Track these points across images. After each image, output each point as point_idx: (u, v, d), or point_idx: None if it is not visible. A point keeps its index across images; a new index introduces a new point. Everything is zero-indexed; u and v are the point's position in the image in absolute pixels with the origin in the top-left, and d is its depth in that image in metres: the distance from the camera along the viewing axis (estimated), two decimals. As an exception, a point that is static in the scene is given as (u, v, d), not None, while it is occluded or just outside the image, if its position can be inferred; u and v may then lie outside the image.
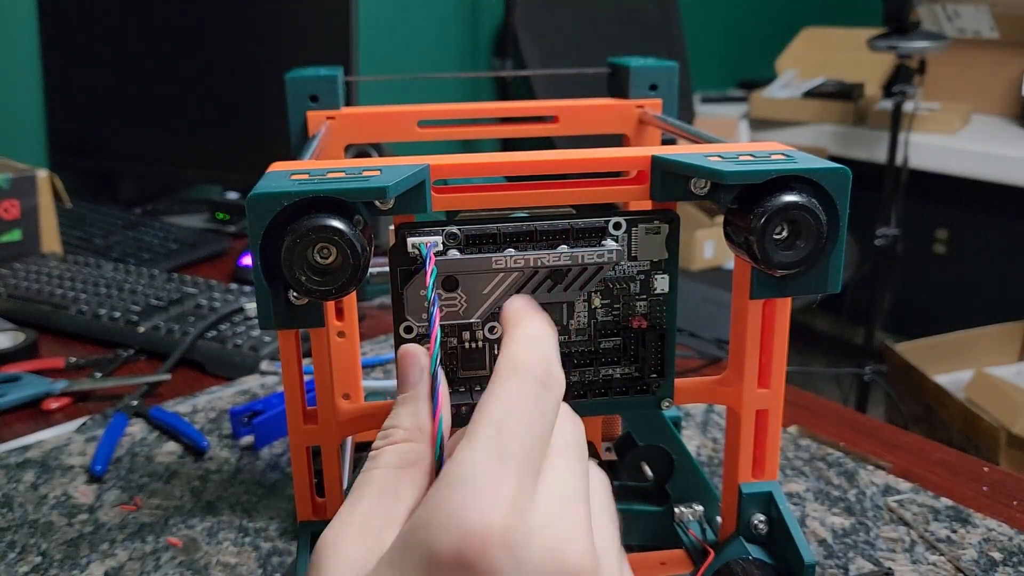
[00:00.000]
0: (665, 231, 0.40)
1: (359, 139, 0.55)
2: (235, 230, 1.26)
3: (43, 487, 0.62)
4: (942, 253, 2.38)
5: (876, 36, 1.78)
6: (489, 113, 0.58)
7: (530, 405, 0.29)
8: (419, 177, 0.36)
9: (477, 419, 0.29)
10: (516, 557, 0.26)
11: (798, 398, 0.75)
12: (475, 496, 0.26)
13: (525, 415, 0.29)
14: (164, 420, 0.69)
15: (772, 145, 0.39)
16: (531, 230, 0.39)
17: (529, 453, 0.28)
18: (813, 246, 0.36)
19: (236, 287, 0.94)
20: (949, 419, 1.60)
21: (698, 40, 2.51)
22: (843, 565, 0.53)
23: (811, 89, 2.30)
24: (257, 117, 1.24)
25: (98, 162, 1.36)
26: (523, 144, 0.54)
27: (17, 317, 0.89)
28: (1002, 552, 0.54)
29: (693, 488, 0.49)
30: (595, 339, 0.42)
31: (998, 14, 2.14)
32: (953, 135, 2.09)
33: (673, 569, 0.49)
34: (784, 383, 0.43)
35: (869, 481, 0.62)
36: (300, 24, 1.21)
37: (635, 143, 0.58)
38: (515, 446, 0.28)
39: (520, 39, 1.98)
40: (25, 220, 1.03)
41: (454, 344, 0.40)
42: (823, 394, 0.85)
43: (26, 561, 0.54)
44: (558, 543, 0.27)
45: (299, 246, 0.33)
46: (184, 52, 1.27)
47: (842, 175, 0.36)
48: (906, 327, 2.25)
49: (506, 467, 0.27)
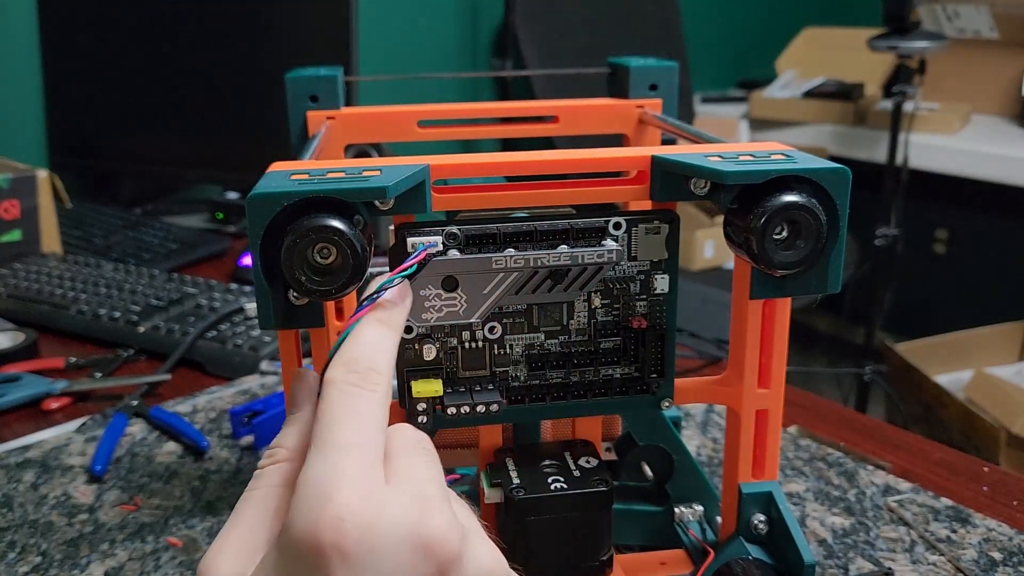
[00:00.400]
0: (665, 231, 0.40)
1: (359, 139, 0.55)
2: (235, 230, 1.26)
3: (43, 487, 0.62)
4: (942, 253, 2.38)
5: (876, 36, 1.78)
6: (489, 113, 0.58)
7: (348, 401, 0.30)
8: (419, 177, 0.36)
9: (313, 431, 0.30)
10: (370, 534, 0.27)
11: (798, 398, 0.75)
12: (321, 488, 0.28)
13: (348, 413, 0.30)
14: (164, 420, 0.69)
15: (772, 145, 0.39)
16: (531, 230, 0.39)
17: (363, 444, 0.29)
18: (813, 246, 0.36)
19: (236, 287, 0.94)
20: (949, 419, 1.60)
21: (698, 40, 2.51)
22: (843, 565, 0.53)
23: (811, 89, 2.30)
24: (257, 117, 1.24)
25: (98, 162, 1.36)
26: (523, 144, 0.54)
27: (17, 317, 0.89)
28: (1002, 552, 0.54)
29: (693, 488, 0.49)
30: (595, 339, 0.42)
31: (998, 14, 2.14)
32: (953, 135, 2.09)
33: (673, 569, 0.49)
34: (784, 383, 0.43)
35: (869, 481, 0.62)
36: (300, 24, 1.21)
37: (635, 143, 0.58)
38: (344, 438, 0.29)
39: (520, 39, 1.98)
40: (25, 220, 1.03)
41: (454, 344, 0.40)
42: (823, 394, 0.85)
43: (26, 561, 0.54)
44: (416, 515, 0.28)
45: (299, 246, 0.33)
46: (184, 52, 1.27)
47: (842, 175, 0.36)
48: (906, 327, 2.25)
49: (341, 456, 0.29)
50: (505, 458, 0.44)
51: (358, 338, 0.32)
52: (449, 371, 0.41)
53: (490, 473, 0.43)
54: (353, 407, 0.30)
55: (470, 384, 0.41)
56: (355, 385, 0.31)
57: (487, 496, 0.42)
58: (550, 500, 0.41)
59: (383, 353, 0.32)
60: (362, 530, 0.27)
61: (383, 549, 0.27)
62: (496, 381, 0.41)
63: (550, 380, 0.42)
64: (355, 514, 0.27)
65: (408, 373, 0.40)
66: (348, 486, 0.28)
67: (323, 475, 0.28)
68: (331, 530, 0.27)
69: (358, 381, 0.31)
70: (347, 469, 0.28)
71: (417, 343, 0.40)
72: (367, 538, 0.27)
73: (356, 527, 0.27)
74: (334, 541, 0.27)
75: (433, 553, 0.28)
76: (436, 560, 0.28)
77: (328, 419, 0.30)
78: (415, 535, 0.28)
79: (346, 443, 0.29)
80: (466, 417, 0.40)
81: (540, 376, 0.41)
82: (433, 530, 0.28)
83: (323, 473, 0.28)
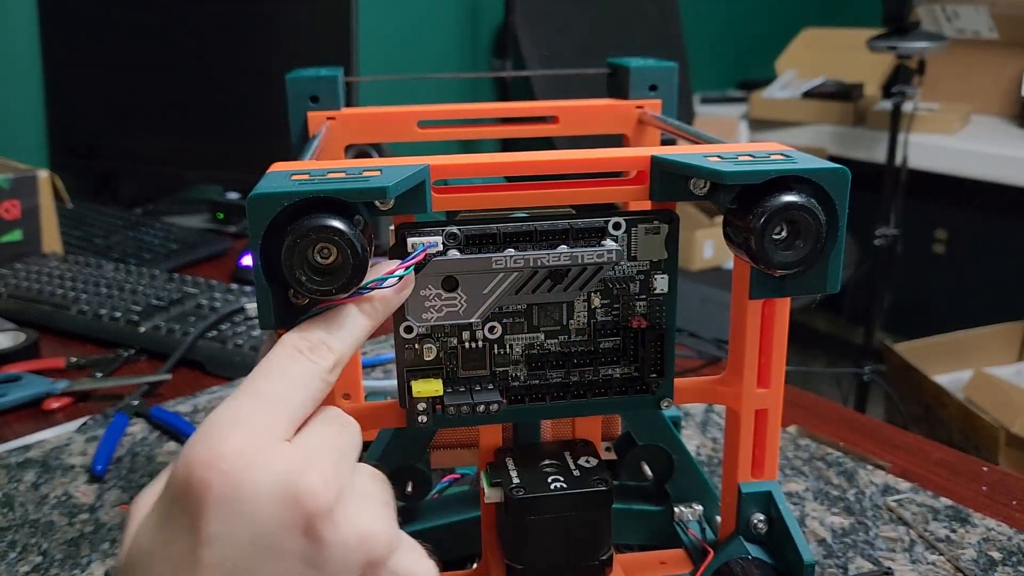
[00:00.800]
0: (665, 231, 0.40)
1: (359, 139, 0.55)
2: (236, 230, 1.26)
3: (44, 487, 0.62)
4: (941, 253, 2.38)
5: (876, 36, 1.78)
6: (489, 113, 0.59)
7: (285, 362, 0.32)
8: (419, 177, 0.36)
9: None
10: (239, 480, 0.28)
11: (797, 398, 0.75)
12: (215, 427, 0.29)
13: (279, 371, 0.31)
14: (165, 420, 0.69)
15: (771, 145, 0.39)
16: (531, 230, 0.39)
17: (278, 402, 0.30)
18: (812, 246, 0.36)
19: (236, 287, 0.94)
20: (948, 419, 1.60)
21: (698, 40, 2.51)
22: (842, 565, 0.53)
23: (811, 89, 2.30)
24: (257, 117, 1.24)
25: (99, 162, 1.36)
26: (523, 144, 0.54)
27: (18, 317, 0.89)
28: (1001, 552, 0.54)
29: (693, 488, 0.49)
30: (595, 339, 0.42)
31: (997, 15, 2.14)
32: (952, 135, 2.09)
33: (673, 568, 0.49)
34: (783, 383, 0.43)
35: (868, 481, 0.62)
36: (300, 24, 1.21)
37: (635, 143, 0.58)
38: (264, 391, 0.30)
39: (520, 39, 1.98)
40: (26, 220, 1.03)
41: (454, 344, 0.40)
42: (822, 394, 0.85)
43: (27, 561, 0.54)
44: (294, 470, 0.29)
45: (299, 246, 0.33)
46: (185, 52, 1.27)
47: (841, 175, 0.36)
48: (905, 327, 2.25)
49: (252, 404, 0.30)
50: (505, 458, 0.44)
51: (329, 313, 0.34)
52: (449, 371, 0.41)
53: (490, 473, 0.43)
54: (287, 367, 0.31)
55: (470, 384, 0.41)
56: (301, 352, 0.32)
57: (487, 496, 0.43)
58: (550, 500, 0.41)
59: (346, 335, 0.34)
60: (236, 475, 0.28)
61: (252, 494, 0.28)
62: (496, 381, 0.41)
63: (550, 380, 0.42)
64: (236, 458, 0.28)
65: (408, 373, 0.40)
66: (243, 432, 0.29)
67: (226, 416, 0.29)
68: (206, 467, 0.27)
69: (306, 349, 0.32)
70: (251, 417, 0.29)
71: (417, 343, 0.40)
72: (238, 482, 0.28)
73: (232, 471, 0.28)
74: (205, 478, 0.27)
75: (301, 504, 0.28)
76: (304, 511, 0.28)
77: (260, 370, 0.31)
78: (286, 485, 0.28)
79: (263, 394, 0.30)
80: (466, 417, 0.40)
81: (540, 376, 0.41)
82: (305, 484, 0.29)
83: (227, 414, 0.29)
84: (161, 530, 0.28)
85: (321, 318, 0.34)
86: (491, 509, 0.46)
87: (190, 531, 0.28)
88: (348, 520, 0.29)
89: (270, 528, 0.28)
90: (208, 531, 0.27)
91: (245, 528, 0.28)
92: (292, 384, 0.31)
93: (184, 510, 0.28)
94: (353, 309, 0.34)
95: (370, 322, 0.35)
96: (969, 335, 1.92)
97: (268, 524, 0.28)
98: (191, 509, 0.28)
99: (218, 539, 0.27)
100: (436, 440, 0.51)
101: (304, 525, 0.28)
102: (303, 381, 0.32)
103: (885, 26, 1.77)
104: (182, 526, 0.28)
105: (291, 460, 0.29)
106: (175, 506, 0.28)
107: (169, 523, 0.28)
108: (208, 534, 0.27)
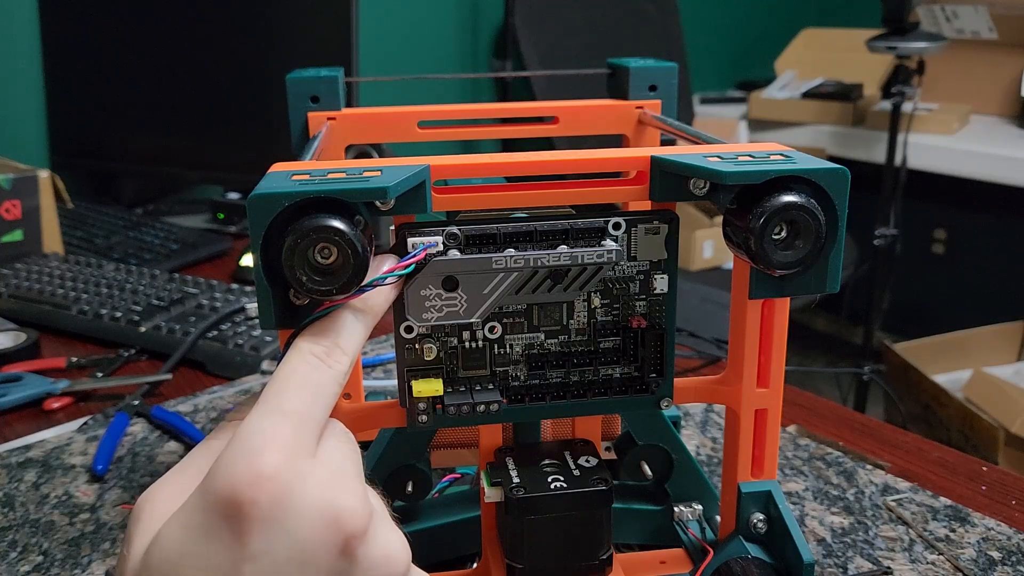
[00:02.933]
0: (664, 231, 0.40)
1: (360, 140, 0.56)
2: (236, 230, 1.26)
3: (44, 486, 0.62)
4: (941, 253, 2.38)
5: (875, 37, 1.78)
6: (489, 114, 0.59)
7: (305, 373, 0.32)
8: (419, 178, 0.36)
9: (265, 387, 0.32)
10: (284, 500, 0.28)
11: (797, 397, 0.75)
12: (250, 446, 0.29)
13: (302, 382, 0.32)
14: (165, 420, 0.70)
15: (771, 146, 0.39)
16: (531, 230, 0.39)
17: (305, 415, 0.31)
18: (812, 246, 0.36)
19: (237, 287, 0.94)
20: (948, 418, 1.60)
21: (698, 41, 2.51)
22: (842, 564, 0.53)
23: (810, 90, 2.31)
24: (258, 118, 1.24)
25: (99, 162, 1.36)
26: (523, 145, 0.54)
27: (19, 317, 0.89)
28: (1001, 551, 0.54)
29: (692, 487, 0.49)
30: (595, 339, 0.42)
31: (997, 15, 2.14)
32: (952, 135, 2.09)
33: (672, 568, 0.49)
34: (783, 383, 0.43)
35: (868, 480, 0.62)
36: (300, 25, 1.21)
37: (634, 144, 0.58)
38: (290, 405, 0.31)
39: (520, 39, 1.98)
40: (27, 220, 1.03)
41: (454, 344, 0.41)
42: (822, 394, 0.85)
43: (28, 560, 0.54)
44: (331, 491, 0.29)
45: (300, 246, 0.33)
46: (185, 53, 1.27)
47: (841, 175, 0.36)
48: (905, 327, 2.25)
49: (281, 422, 0.30)
50: (505, 457, 0.44)
51: (334, 315, 0.34)
52: (449, 371, 0.41)
53: (490, 472, 0.43)
54: (308, 377, 0.32)
55: (470, 384, 0.41)
56: (318, 357, 0.32)
57: (487, 495, 0.43)
58: (550, 499, 0.41)
59: (353, 335, 0.34)
60: (280, 493, 0.28)
61: (296, 514, 0.29)
62: (496, 381, 0.41)
63: (550, 380, 0.42)
64: (277, 476, 0.28)
65: (408, 373, 0.40)
66: (278, 449, 0.29)
67: (258, 433, 0.29)
68: (251, 486, 0.28)
69: (322, 354, 0.33)
70: (282, 433, 0.30)
71: (417, 343, 0.40)
72: (283, 501, 0.28)
73: (276, 489, 0.28)
74: (252, 498, 0.28)
75: (341, 525, 0.29)
76: (343, 532, 0.29)
77: (282, 382, 0.32)
78: (328, 506, 0.29)
79: (290, 410, 0.31)
80: (466, 416, 0.40)
81: (540, 376, 0.42)
82: (345, 504, 0.30)
83: (259, 431, 0.30)
84: (196, 543, 0.29)
85: (328, 320, 0.34)
86: (491, 509, 0.46)
87: (232, 547, 0.28)
88: (376, 541, 0.31)
89: (311, 547, 0.29)
90: (252, 548, 0.28)
91: (287, 546, 0.29)
92: (314, 395, 0.32)
93: (227, 526, 0.28)
94: (356, 308, 0.35)
95: (368, 315, 0.35)
96: (968, 335, 1.92)
97: (309, 543, 0.29)
98: (235, 526, 0.28)
99: (262, 556, 0.28)
100: (436, 440, 0.51)
101: (342, 545, 0.29)
102: (323, 390, 0.32)
103: (884, 26, 1.77)
104: (223, 541, 0.28)
105: (325, 480, 0.30)
106: (215, 521, 0.28)
107: (207, 537, 0.29)
108: (252, 551, 0.28)
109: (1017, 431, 1.49)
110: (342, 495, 0.30)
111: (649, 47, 2.18)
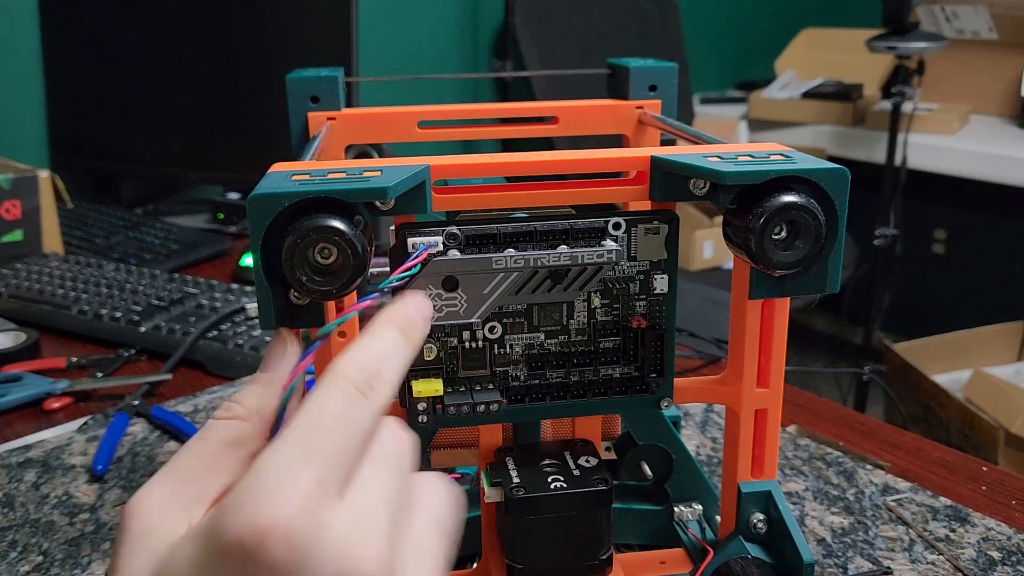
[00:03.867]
0: (664, 231, 0.40)
1: (360, 140, 0.56)
2: (236, 230, 1.26)
3: (44, 487, 0.62)
4: (940, 253, 2.38)
5: (875, 37, 1.78)
6: (489, 114, 0.59)
7: (342, 409, 0.29)
8: (419, 178, 0.36)
9: (294, 417, 0.29)
10: (300, 555, 0.26)
11: (797, 398, 0.75)
12: (269, 489, 0.26)
13: (336, 418, 0.28)
14: (165, 420, 0.70)
15: (771, 146, 0.39)
16: (531, 230, 0.39)
17: (336, 456, 0.28)
18: (812, 246, 0.36)
19: (237, 287, 0.94)
20: (948, 419, 1.60)
21: (698, 41, 2.51)
22: (842, 564, 0.53)
23: (810, 90, 2.31)
24: (258, 118, 1.24)
25: (99, 163, 1.36)
26: (523, 145, 0.54)
27: (19, 317, 0.89)
28: (1001, 551, 0.54)
29: (692, 487, 0.49)
30: (595, 339, 0.42)
31: (997, 15, 2.14)
32: (952, 135, 2.09)
33: (672, 568, 0.49)
34: (783, 383, 0.43)
35: (868, 480, 0.62)
36: (301, 25, 1.21)
37: (634, 144, 0.58)
38: (321, 446, 0.28)
39: (520, 39, 1.98)
40: (27, 220, 1.03)
41: (454, 344, 0.41)
42: (822, 394, 0.85)
43: (28, 560, 0.54)
44: (349, 547, 0.27)
45: (300, 246, 0.33)
46: (185, 53, 1.27)
47: (841, 175, 0.36)
48: (905, 327, 2.25)
49: (308, 465, 0.27)
50: (505, 457, 0.44)
51: (379, 340, 0.31)
52: (449, 371, 0.41)
53: (490, 472, 0.43)
54: (345, 414, 0.29)
55: (470, 384, 0.41)
56: (358, 388, 0.29)
57: (487, 495, 0.43)
58: (550, 499, 0.41)
59: (399, 364, 0.31)
60: (297, 549, 0.26)
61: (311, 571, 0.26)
62: (496, 381, 0.41)
63: (550, 380, 0.42)
64: (294, 526, 0.26)
65: (408, 373, 0.40)
66: (301, 495, 0.27)
67: (279, 476, 0.27)
68: (265, 536, 0.26)
69: (363, 384, 0.30)
70: (307, 477, 0.27)
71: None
72: (297, 557, 0.26)
73: (293, 543, 0.26)
74: (265, 548, 0.26)
75: None
76: None
77: (316, 416, 0.28)
78: (342, 562, 0.27)
79: (320, 450, 0.28)
80: (466, 416, 0.40)
81: (540, 376, 0.42)
82: (358, 563, 0.27)
83: (281, 474, 0.27)
84: None
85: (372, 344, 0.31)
86: (491, 509, 0.46)
87: None
88: None
89: None
90: None
91: None
92: (349, 434, 0.29)
93: (239, 571, 0.27)
94: (394, 332, 0.32)
95: (411, 344, 0.32)
96: (968, 335, 1.92)
97: None
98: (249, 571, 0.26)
99: None
100: (436, 440, 0.51)
101: None
102: (360, 427, 0.29)
103: (884, 26, 1.77)
104: None
105: (345, 535, 0.27)
106: (227, 563, 0.27)
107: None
108: None
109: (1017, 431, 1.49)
110: (357, 550, 0.27)
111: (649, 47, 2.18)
